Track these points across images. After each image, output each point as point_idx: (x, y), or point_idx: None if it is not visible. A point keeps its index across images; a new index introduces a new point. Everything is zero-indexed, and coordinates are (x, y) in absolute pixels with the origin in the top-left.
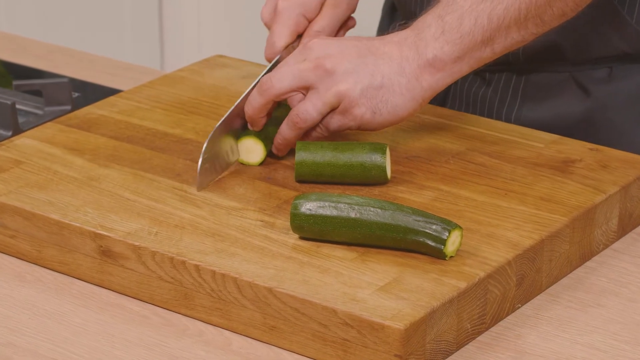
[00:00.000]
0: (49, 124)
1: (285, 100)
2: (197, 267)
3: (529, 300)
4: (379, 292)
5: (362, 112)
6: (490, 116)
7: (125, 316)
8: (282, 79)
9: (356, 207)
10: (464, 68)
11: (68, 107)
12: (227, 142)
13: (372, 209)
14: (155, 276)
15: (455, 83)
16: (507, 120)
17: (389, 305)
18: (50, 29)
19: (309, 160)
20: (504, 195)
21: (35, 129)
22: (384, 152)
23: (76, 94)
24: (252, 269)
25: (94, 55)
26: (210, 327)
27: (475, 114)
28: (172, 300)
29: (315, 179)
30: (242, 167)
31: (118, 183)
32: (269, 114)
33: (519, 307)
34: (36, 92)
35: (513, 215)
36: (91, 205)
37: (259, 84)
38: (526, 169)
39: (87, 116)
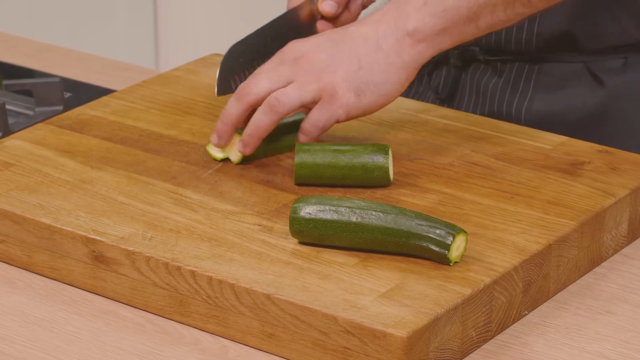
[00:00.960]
0: (39, 125)
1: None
2: (193, 273)
3: (536, 307)
4: (381, 298)
5: (347, 97)
6: (500, 107)
7: (119, 324)
8: (259, 83)
9: (357, 211)
10: (446, 41)
11: (59, 108)
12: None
13: (373, 212)
14: (150, 282)
15: (466, 74)
16: (518, 111)
17: (391, 313)
18: (41, 26)
19: (309, 162)
20: (510, 199)
21: (26, 130)
22: (386, 153)
23: (68, 94)
24: (250, 275)
25: (87, 54)
26: (206, 335)
27: (485, 105)
28: (167, 307)
29: (315, 181)
30: (240, 170)
31: (111, 186)
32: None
33: (525, 315)
34: (27, 92)
35: (519, 219)
36: (83, 209)
37: (236, 90)
38: (533, 172)
39: (79, 117)
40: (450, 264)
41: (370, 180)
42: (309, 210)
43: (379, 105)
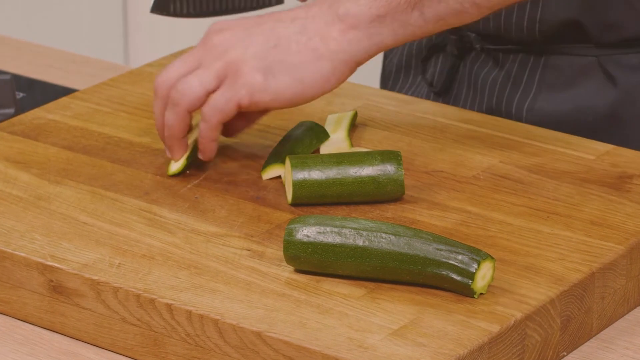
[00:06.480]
0: None
1: None
2: (169, 307)
3: (577, 348)
4: (392, 337)
5: (251, 75)
6: (499, 105)
7: None
8: (168, 69)
9: (364, 233)
10: (384, 31)
11: (11, 111)
12: None
13: (383, 235)
14: (118, 318)
15: (464, 65)
16: (519, 110)
17: (404, 354)
18: None
19: (309, 180)
20: (546, 219)
21: None
22: (399, 162)
23: (21, 94)
24: (237, 309)
25: (43, 46)
26: None
27: (483, 101)
28: (139, 347)
29: (316, 201)
30: (225, 185)
31: (72, 203)
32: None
33: (564, 356)
34: None
35: (557, 242)
36: (39, 231)
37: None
38: (573, 187)
39: (34, 121)
40: (475, 296)
41: (383, 196)
42: (307, 232)
43: (290, 91)
